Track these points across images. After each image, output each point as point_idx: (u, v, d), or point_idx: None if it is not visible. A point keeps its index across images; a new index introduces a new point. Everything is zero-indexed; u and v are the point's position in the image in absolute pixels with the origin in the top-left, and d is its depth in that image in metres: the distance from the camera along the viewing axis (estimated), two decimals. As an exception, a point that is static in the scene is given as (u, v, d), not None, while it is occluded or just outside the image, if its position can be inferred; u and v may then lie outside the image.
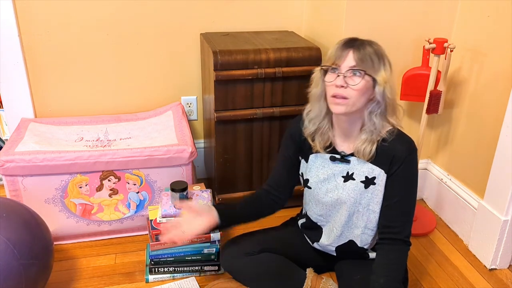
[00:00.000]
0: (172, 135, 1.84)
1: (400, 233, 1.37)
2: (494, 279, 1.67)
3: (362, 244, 1.46)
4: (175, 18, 2.05)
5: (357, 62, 1.27)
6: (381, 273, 1.34)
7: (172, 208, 1.61)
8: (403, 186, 1.37)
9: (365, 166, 1.38)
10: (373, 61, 1.28)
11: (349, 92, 1.28)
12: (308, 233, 1.58)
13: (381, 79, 1.29)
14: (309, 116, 1.42)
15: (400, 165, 1.34)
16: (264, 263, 1.47)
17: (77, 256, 1.74)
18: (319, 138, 1.42)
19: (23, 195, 1.69)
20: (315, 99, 1.39)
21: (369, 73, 1.28)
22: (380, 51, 1.31)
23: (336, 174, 1.42)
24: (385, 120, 1.34)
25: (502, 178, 1.63)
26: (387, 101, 1.31)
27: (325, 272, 1.62)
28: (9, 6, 1.85)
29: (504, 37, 1.63)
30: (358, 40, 1.32)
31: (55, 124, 1.96)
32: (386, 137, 1.34)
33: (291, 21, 2.18)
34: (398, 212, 1.37)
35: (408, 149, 1.35)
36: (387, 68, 1.31)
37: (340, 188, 1.42)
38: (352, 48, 1.29)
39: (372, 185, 1.38)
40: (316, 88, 1.37)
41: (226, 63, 1.74)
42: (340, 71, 1.28)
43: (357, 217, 1.43)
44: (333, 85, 1.29)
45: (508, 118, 1.59)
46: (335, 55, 1.30)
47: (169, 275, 1.64)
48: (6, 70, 1.94)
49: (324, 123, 1.40)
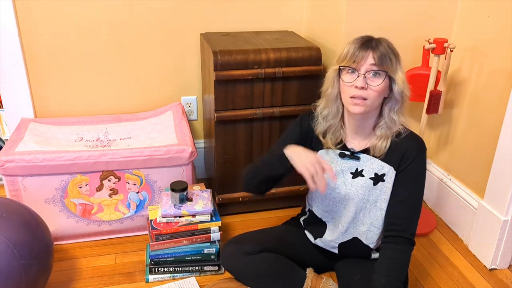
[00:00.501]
0: (172, 135, 1.84)
1: (405, 230, 1.37)
2: (494, 279, 1.67)
3: (368, 242, 1.46)
4: (175, 18, 2.05)
5: (378, 63, 1.28)
6: (383, 273, 1.34)
7: (172, 208, 1.61)
8: (411, 184, 1.38)
9: (375, 163, 1.39)
10: (392, 61, 1.30)
11: (369, 93, 1.29)
12: (311, 229, 1.58)
13: (399, 78, 1.31)
14: (323, 114, 1.43)
15: (410, 162, 1.36)
16: (264, 263, 1.47)
17: (77, 256, 1.74)
18: (331, 135, 1.43)
19: (23, 195, 1.68)
20: (331, 99, 1.40)
21: (390, 73, 1.29)
22: (394, 49, 1.33)
23: (344, 171, 1.43)
24: (403, 116, 1.37)
25: (502, 178, 1.63)
26: (404, 98, 1.34)
27: (325, 272, 1.62)
28: (9, 6, 1.85)
29: (504, 37, 1.63)
30: (374, 39, 1.32)
31: (55, 124, 1.96)
32: (400, 131, 1.37)
33: (291, 21, 2.18)
34: (404, 209, 1.38)
35: (419, 147, 1.38)
36: (402, 66, 1.33)
37: (348, 184, 1.42)
38: (371, 48, 1.29)
39: (381, 182, 1.39)
40: (332, 87, 1.38)
41: (226, 63, 1.74)
42: (360, 72, 1.29)
43: (364, 214, 1.43)
44: (352, 85, 1.30)
45: (508, 118, 1.59)
46: (353, 55, 1.29)
47: (169, 275, 1.64)
48: (6, 70, 1.94)
49: (337, 120, 1.42)
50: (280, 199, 2.02)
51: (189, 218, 1.61)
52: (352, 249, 1.49)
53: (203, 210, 1.61)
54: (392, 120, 1.35)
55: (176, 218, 1.60)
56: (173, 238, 1.60)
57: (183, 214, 1.60)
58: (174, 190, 1.61)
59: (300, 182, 1.99)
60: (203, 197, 1.67)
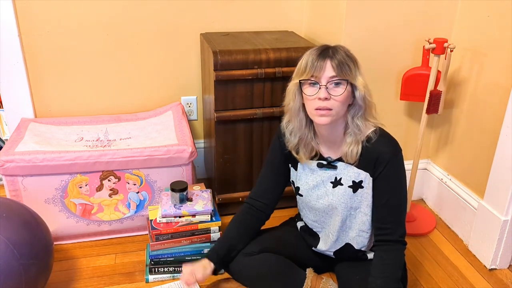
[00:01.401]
0: (172, 135, 1.84)
1: (393, 233, 1.37)
2: (494, 279, 1.67)
3: (359, 247, 1.47)
4: (175, 18, 2.05)
5: (337, 72, 1.26)
6: (378, 274, 1.35)
7: (172, 208, 1.61)
8: (390, 187, 1.36)
9: (351, 171, 1.39)
10: (350, 67, 1.28)
11: (332, 103, 1.27)
12: (307, 238, 1.58)
13: (360, 84, 1.29)
14: (289, 129, 1.43)
15: (384, 167, 1.34)
16: (264, 263, 1.47)
17: (77, 256, 1.74)
18: (303, 149, 1.42)
19: (23, 195, 1.69)
20: (294, 113, 1.38)
21: (351, 80, 1.28)
22: (351, 54, 1.31)
23: (324, 181, 1.43)
24: (367, 120, 1.35)
25: (502, 178, 1.63)
26: (367, 103, 1.32)
27: (325, 272, 1.62)
28: (9, 6, 1.85)
29: (504, 37, 1.63)
30: (330, 47, 1.30)
31: (55, 124, 1.96)
32: (370, 136, 1.35)
33: (291, 21, 2.18)
34: (389, 213, 1.38)
35: (391, 151, 1.35)
36: (361, 71, 1.31)
37: (330, 194, 1.43)
38: (329, 57, 1.27)
39: (360, 189, 1.39)
40: (293, 101, 1.36)
41: (226, 63, 1.74)
42: (321, 83, 1.27)
43: (350, 221, 1.44)
44: (315, 98, 1.28)
45: (508, 118, 1.59)
46: (312, 67, 1.27)
47: (169, 275, 1.64)
48: (6, 70, 1.94)
49: (305, 132, 1.40)
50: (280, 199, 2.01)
51: (189, 218, 1.61)
52: (347, 254, 1.50)
53: (203, 210, 1.61)
54: (357, 126, 1.33)
55: (176, 218, 1.60)
56: (173, 238, 1.60)
57: (183, 214, 1.60)
58: (174, 190, 1.62)
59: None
60: (203, 197, 1.67)
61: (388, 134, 1.39)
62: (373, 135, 1.35)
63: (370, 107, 1.34)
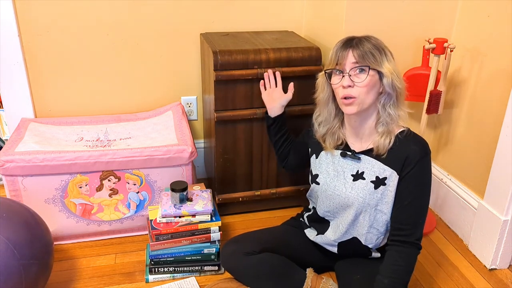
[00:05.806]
0: (172, 135, 1.84)
1: (411, 235, 1.35)
2: (494, 279, 1.67)
3: (366, 243, 1.46)
4: (175, 18, 2.05)
5: (358, 59, 1.29)
6: (387, 274, 1.33)
7: (172, 208, 1.61)
8: (416, 189, 1.35)
9: (376, 165, 1.38)
10: (374, 55, 1.30)
11: (356, 90, 1.30)
12: (315, 226, 1.58)
13: (387, 71, 1.31)
14: (318, 120, 1.48)
15: (413, 167, 1.33)
16: (264, 263, 1.47)
17: (77, 256, 1.74)
18: (329, 138, 1.46)
19: (23, 195, 1.69)
20: (323, 103, 1.44)
21: (373, 67, 1.30)
22: (379, 44, 1.34)
23: (345, 171, 1.43)
24: (400, 110, 1.36)
25: (502, 178, 1.63)
26: (397, 90, 1.33)
27: (325, 272, 1.62)
28: (9, 6, 1.85)
29: (504, 37, 1.63)
30: (355, 38, 1.34)
31: (55, 124, 1.96)
32: (404, 129, 1.37)
33: (291, 21, 2.18)
34: (410, 215, 1.36)
35: (422, 151, 1.35)
36: (390, 58, 1.33)
37: (349, 187, 1.42)
38: (351, 46, 1.31)
39: (383, 186, 1.37)
40: (323, 92, 1.42)
41: (226, 63, 1.74)
42: (344, 71, 1.31)
43: (364, 217, 1.42)
44: (340, 86, 1.32)
45: (508, 118, 1.59)
46: (336, 57, 1.33)
47: (169, 275, 1.64)
48: (6, 70, 1.94)
49: (334, 123, 1.44)
50: (280, 199, 2.02)
51: (189, 218, 1.61)
52: (351, 248, 1.49)
53: (203, 210, 1.61)
54: (389, 115, 1.34)
55: (176, 218, 1.60)
56: (173, 238, 1.60)
57: (183, 214, 1.60)
58: (174, 190, 1.61)
59: (300, 182, 1.99)
60: (203, 197, 1.67)
61: (419, 136, 1.40)
62: (407, 130, 1.37)
63: (402, 95, 1.35)
